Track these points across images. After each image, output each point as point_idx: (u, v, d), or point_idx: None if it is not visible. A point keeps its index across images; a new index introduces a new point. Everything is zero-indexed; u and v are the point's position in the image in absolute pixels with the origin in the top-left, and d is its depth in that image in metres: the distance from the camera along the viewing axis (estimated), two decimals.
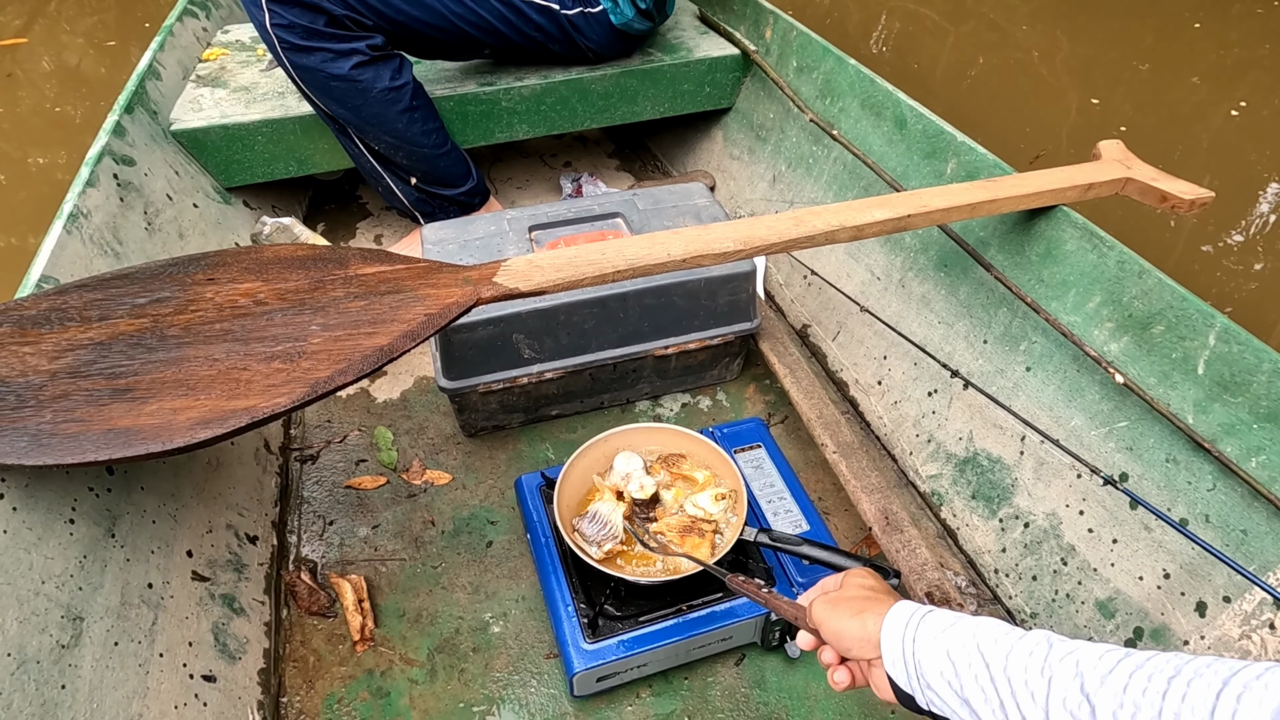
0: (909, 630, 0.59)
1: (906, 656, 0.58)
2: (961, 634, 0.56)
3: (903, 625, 0.60)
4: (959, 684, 0.55)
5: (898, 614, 0.61)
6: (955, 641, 0.56)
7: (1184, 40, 3.03)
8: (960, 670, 0.55)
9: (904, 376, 1.36)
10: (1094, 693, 0.47)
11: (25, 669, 0.72)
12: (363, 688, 1.04)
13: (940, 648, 0.56)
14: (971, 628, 0.56)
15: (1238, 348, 0.93)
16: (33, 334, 0.86)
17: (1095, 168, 1.20)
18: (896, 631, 0.60)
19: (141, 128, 1.43)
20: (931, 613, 0.60)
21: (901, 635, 0.59)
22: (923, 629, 0.58)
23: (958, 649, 0.55)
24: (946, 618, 0.59)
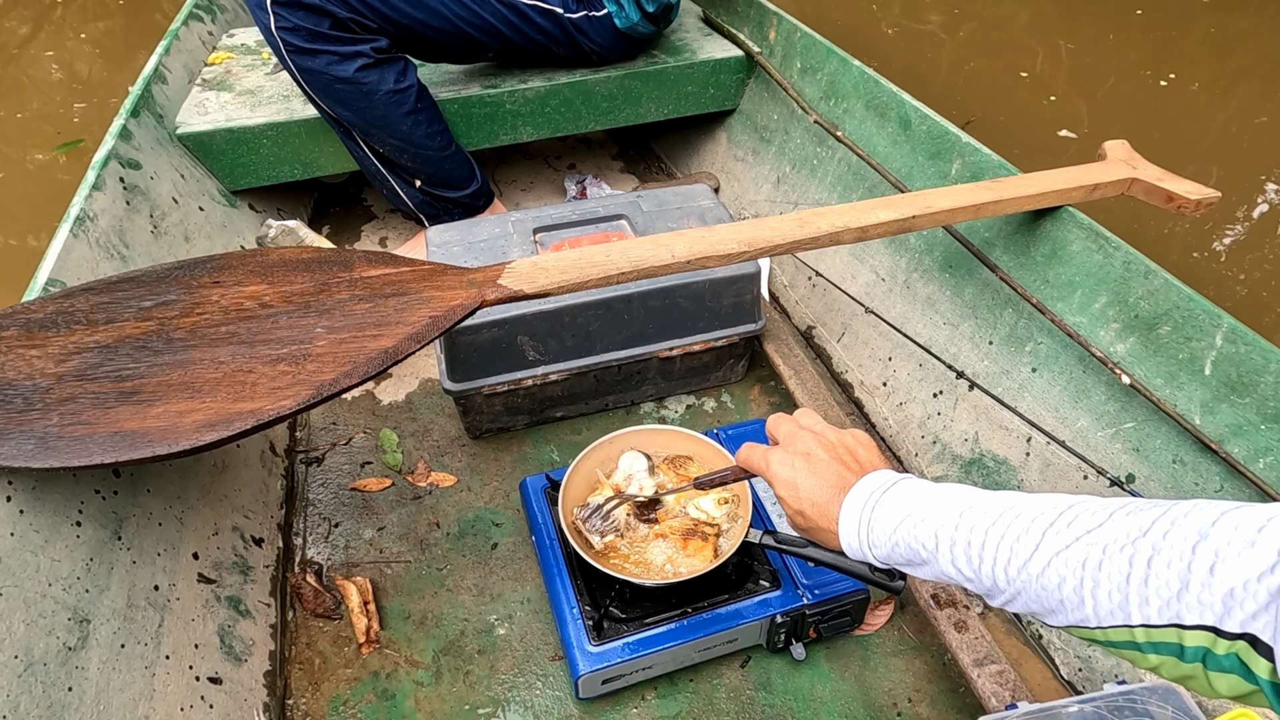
0: (868, 506, 0.60)
1: (861, 535, 0.60)
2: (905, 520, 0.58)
3: (860, 505, 0.61)
4: (907, 557, 0.57)
5: (857, 493, 0.62)
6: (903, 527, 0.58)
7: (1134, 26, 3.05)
8: (904, 548, 0.57)
9: (909, 378, 1.36)
10: (1023, 568, 0.49)
11: (32, 671, 0.72)
12: (368, 690, 1.04)
13: (892, 522, 0.58)
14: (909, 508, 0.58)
15: (1245, 348, 0.92)
16: (39, 337, 0.87)
17: (1101, 168, 1.20)
18: (854, 510, 0.61)
19: (147, 131, 1.44)
20: (888, 492, 0.60)
21: (859, 514, 0.61)
22: (880, 509, 0.60)
23: (904, 531, 0.57)
24: (902, 499, 0.59)
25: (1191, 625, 0.41)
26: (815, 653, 1.08)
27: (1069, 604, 0.47)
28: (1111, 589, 0.44)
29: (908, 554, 0.57)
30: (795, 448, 0.68)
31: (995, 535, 0.52)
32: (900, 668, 1.07)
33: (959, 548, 0.54)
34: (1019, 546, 0.50)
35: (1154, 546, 0.43)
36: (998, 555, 0.51)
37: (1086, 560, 0.46)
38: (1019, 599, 0.51)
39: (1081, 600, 0.46)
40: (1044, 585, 0.48)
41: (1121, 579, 0.44)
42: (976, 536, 0.53)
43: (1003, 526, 0.52)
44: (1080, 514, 0.48)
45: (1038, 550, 0.49)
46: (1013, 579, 0.50)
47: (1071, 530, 0.48)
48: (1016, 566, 0.50)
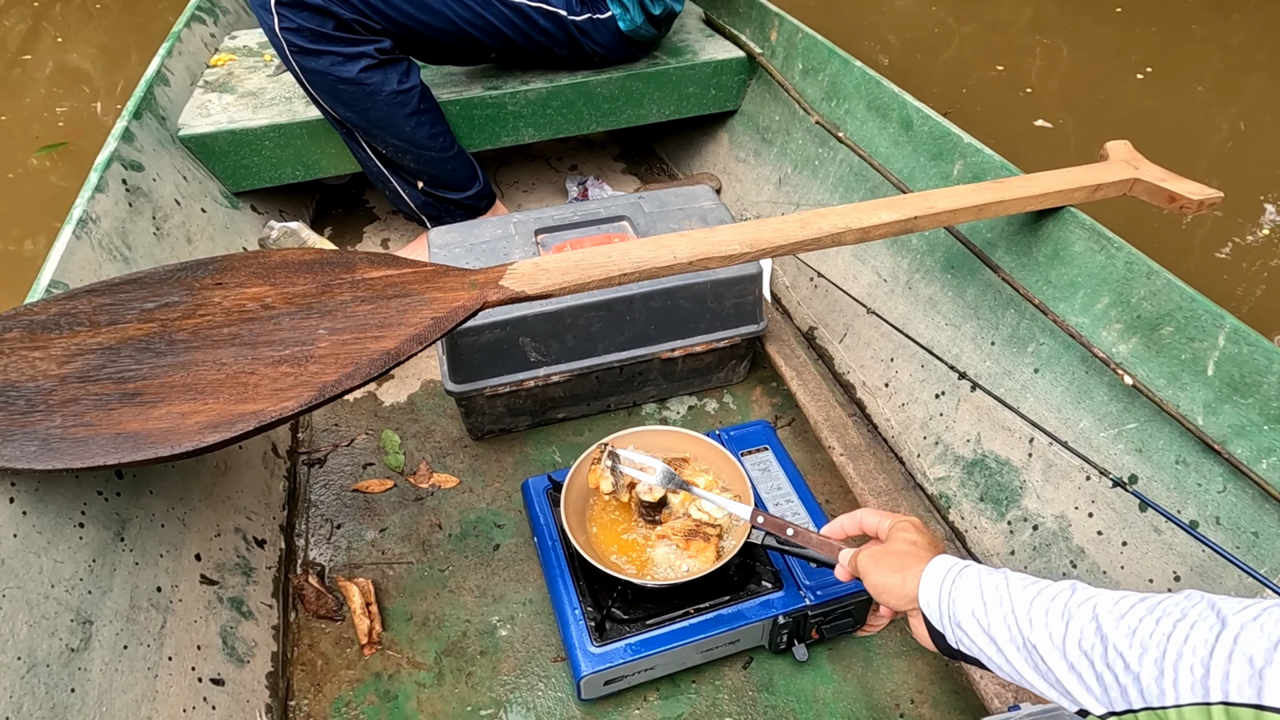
0: (947, 579, 0.64)
1: (942, 601, 0.63)
2: (995, 579, 0.61)
3: (941, 575, 0.64)
4: (987, 622, 0.59)
5: (937, 566, 0.65)
6: (989, 584, 0.61)
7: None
8: (990, 609, 0.59)
9: (911, 379, 1.36)
10: (1109, 633, 0.50)
11: (35, 672, 0.72)
12: (370, 691, 1.04)
13: (974, 590, 0.61)
14: (1005, 574, 0.61)
15: (1248, 349, 0.92)
16: (42, 339, 0.87)
17: (1103, 168, 1.20)
18: (935, 581, 0.64)
19: (150, 133, 1.44)
20: (969, 566, 0.64)
21: (939, 584, 0.64)
22: (960, 578, 0.63)
23: (990, 591, 0.60)
24: (982, 570, 0.63)
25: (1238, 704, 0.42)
26: (818, 654, 1.07)
27: (1146, 677, 0.47)
28: (1193, 663, 0.45)
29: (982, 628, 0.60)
30: (883, 538, 0.74)
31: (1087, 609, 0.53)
32: (903, 669, 1.06)
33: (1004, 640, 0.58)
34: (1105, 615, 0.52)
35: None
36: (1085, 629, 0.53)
37: (1172, 635, 0.47)
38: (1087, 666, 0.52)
39: (1161, 673, 0.46)
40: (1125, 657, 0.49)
41: (1206, 653, 0.44)
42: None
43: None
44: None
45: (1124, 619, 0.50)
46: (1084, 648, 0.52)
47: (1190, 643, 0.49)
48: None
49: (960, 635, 0.61)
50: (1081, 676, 0.51)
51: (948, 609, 0.62)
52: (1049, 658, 0.53)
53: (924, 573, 0.65)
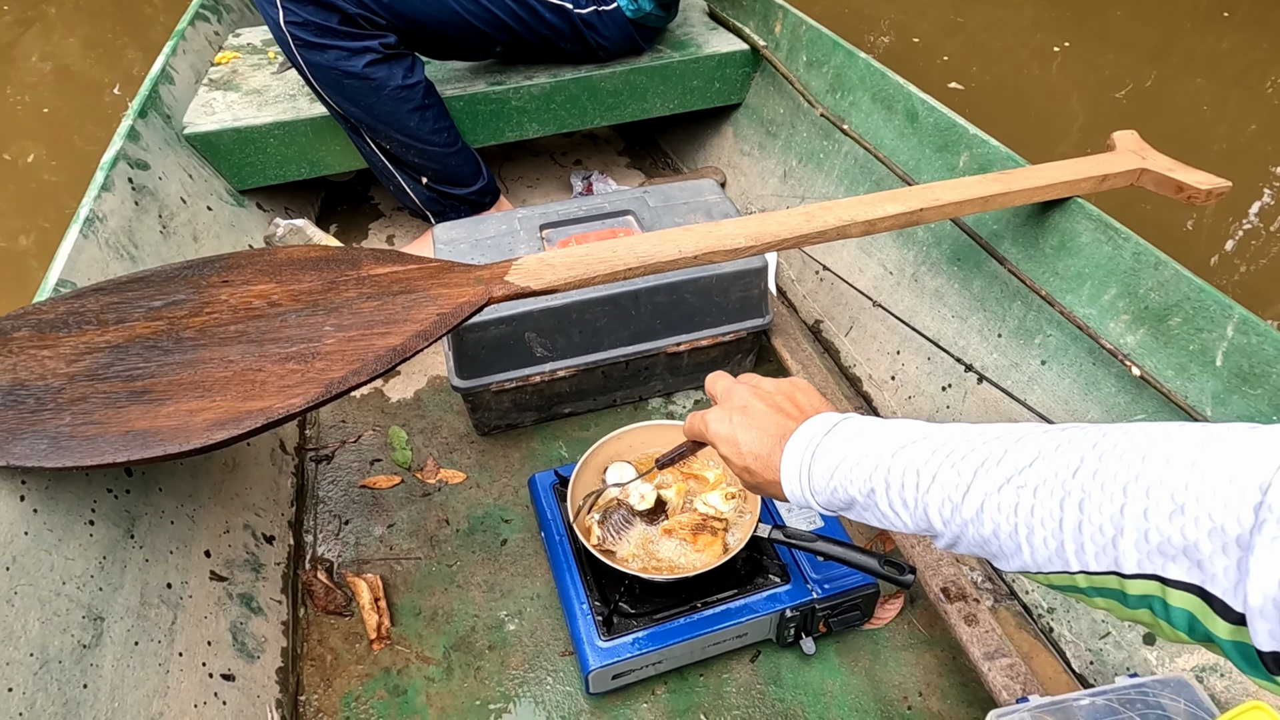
0: (806, 454, 0.57)
1: (802, 482, 0.57)
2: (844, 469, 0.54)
3: (800, 451, 0.58)
4: (844, 507, 0.55)
5: (797, 440, 0.58)
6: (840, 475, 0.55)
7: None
8: (843, 496, 0.54)
9: (918, 371, 1.35)
10: (961, 517, 0.47)
11: (48, 669, 0.73)
12: (380, 686, 1.05)
13: (830, 466, 0.55)
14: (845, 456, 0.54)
15: (1256, 339, 0.92)
16: (51, 337, 0.87)
17: (1110, 159, 1.19)
18: (795, 459, 0.58)
19: (155, 132, 1.45)
20: (830, 434, 0.57)
21: (798, 464, 0.57)
22: (820, 453, 0.56)
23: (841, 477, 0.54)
24: (841, 441, 0.56)
25: (1131, 574, 0.38)
26: (825, 647, 1.08)
27: (1007, 550, 0.44)
28: (1046, 535, 0.41)
29: (845, 499, 0.54)
30: (732, 403, 0.65)
31: (928, 476, 0.48)
32: (910, 662, 1.07)
33: (894, 490, 0.51)
34: (951, 489, 0.47)
35: (1084, 488, 0.40)
36: (929, 499, 0.48)
37: (1018, 505, 0.43)
38: (960, 543, 0.48)
39: (1019, 547, 0.43)
40: (980, 531, 0.46)
41: (1055, 524, 0.41)
42: (910, 478, 0.50)
43: (934, 466, 0.48)
44: (1010, 449, 0.45)
45: (969, 494, 0.46)
46: (948, 522, 0.47)
47: (1002, 469, 0.45)
48: (949, 510, 0.47)
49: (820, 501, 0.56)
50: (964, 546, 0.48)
51: (806, 485, 0.57)
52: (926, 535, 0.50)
53: (785, 449, 0.58)
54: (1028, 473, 0.43)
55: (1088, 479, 0.40)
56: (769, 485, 0.61)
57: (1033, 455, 0.44)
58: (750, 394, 0.65)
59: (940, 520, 0.48)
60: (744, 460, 0.62)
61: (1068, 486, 0.41)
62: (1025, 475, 0.43)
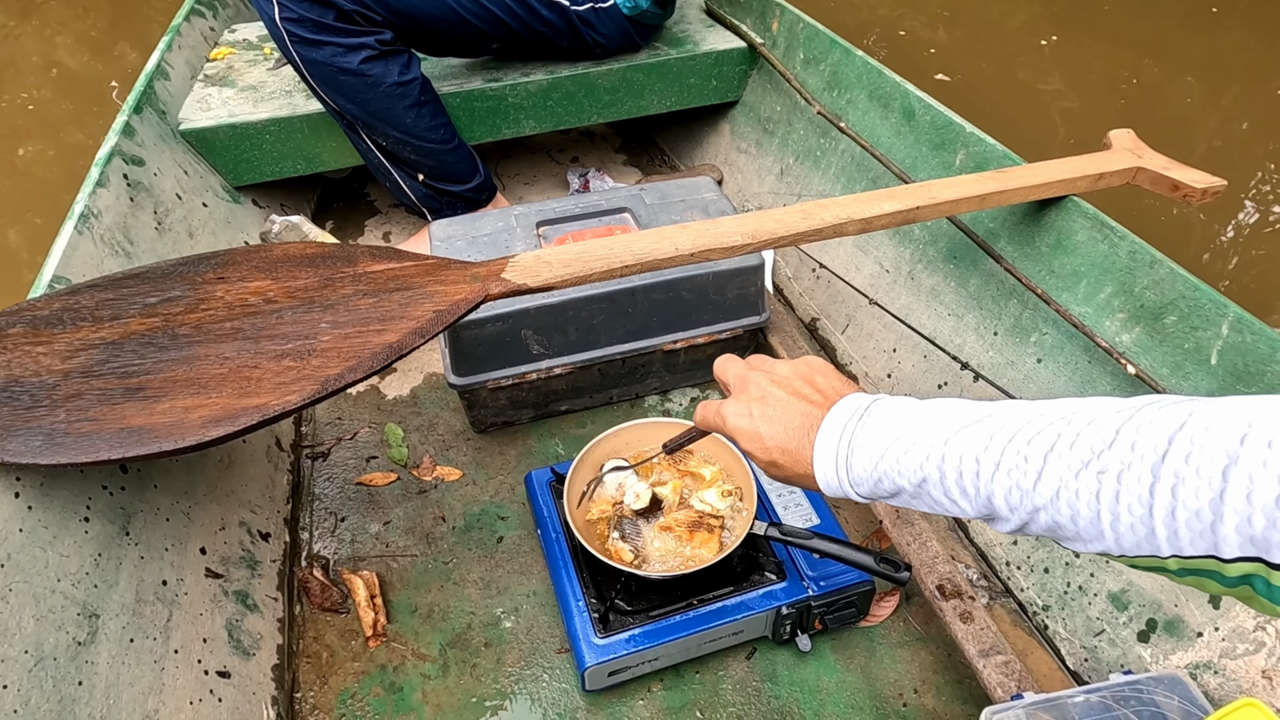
0: (842, 444, 0.55)
1: (841, 475, 0.55)
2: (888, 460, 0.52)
3: (835, 441, 0.55)
4: (898, 497, 0.53)
5: (829, 428, 0.56)
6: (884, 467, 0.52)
7: None
8: (895, 486, 0.52)
9: (914, 369, 1.35)
10: (1034, 503, 0.45)
11: (43, 666, 0.73)
12: (376, 683, 1.05)
13: (873, 455, 0.53)
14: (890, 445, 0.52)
15: (1251, 337, 0.92)
16: (46, 334, 0.87)
17: (1106, 157, 1.20)
18: (829, 451, 0.55)
19: (150, 128, 1.44)
20: (864, 420, 0.54)
21: (834, 456, 0.55)
22: (858, 442, 0.54)
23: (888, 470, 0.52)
24: (882, 427, 0.53)
25: (1232, 558, 0.37)
26: (821, 644, 1.08)
27: (1087, 535, 0.43)
28: (1134, 521, 0.40)
29: (891, 488, 0.52)
30: (749, 393, 0.61)
31: (989, 463, 0.46)
32: (906, 659, 1.07)
33: (950, 478, 0.48)
34: (1020, 476, 0.45)
35: (1177, 473, 0.38)
36: (994, 487, 0.46)
37: (1100, 491, 0.41)
38: (1030, 527, 0.46)
39: (1100, 533, 0.42)
40: (1054, 517, 0.44)
41: (1144, 510, 0.39)
42: (969, 465, 0.47)
43: (997, 451, 0.46)
44: (1082, 431, 0.43)
45: (1041, 480, 0.44)
46: (1016, 508, 0.45)
47: (1076, 454, 0.43)
48: (1019, 497, 0.45)
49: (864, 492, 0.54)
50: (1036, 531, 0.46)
51: (848, 480, 0.54)
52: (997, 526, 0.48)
53: (817, 440, 0.55)
54: (1107, 456, 0.41)
55: (1180, 463, 0.38)
56: (800, 479, 0.58)
57: (1110, 436, 0.42)
58: (767, 381, 0.61)
59: (1007, 507, 0.46)
60: (770, 455, 0.59)
61: (1157, 471, 0.39)
62: (1105, 459, 0.41)
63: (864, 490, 0.54)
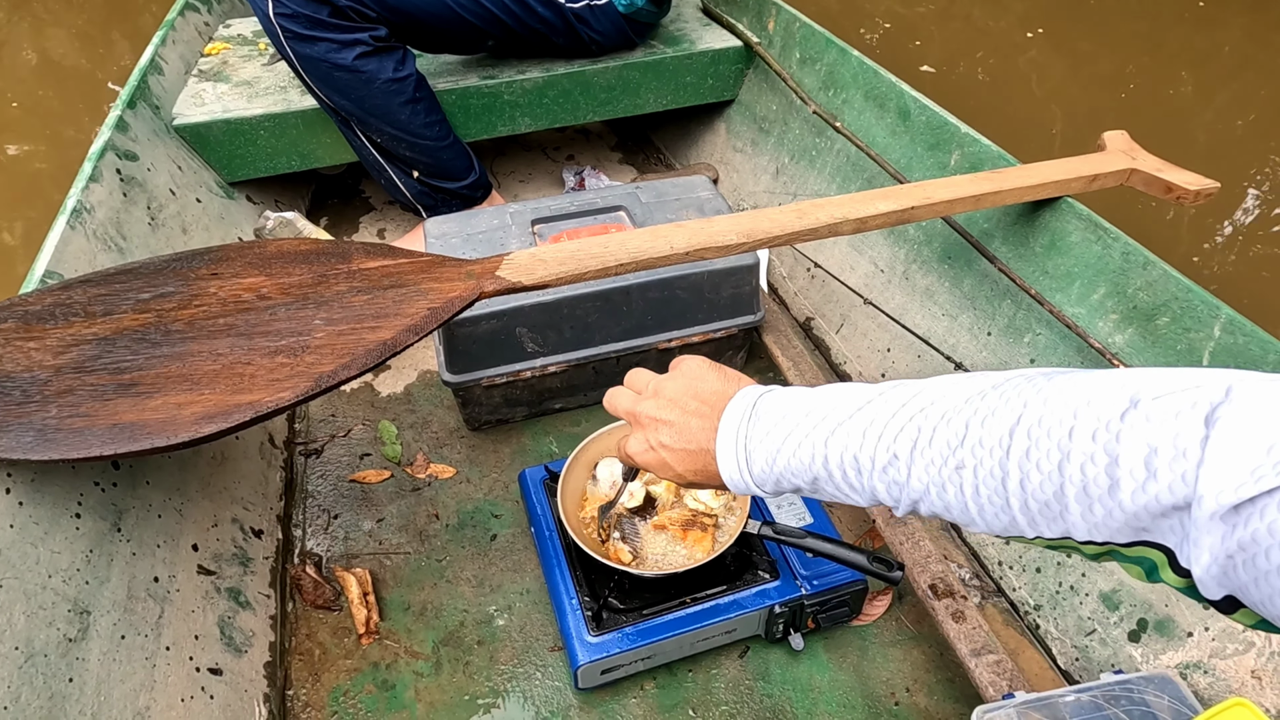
0: (739, 450, 0.57)
1: (745, 479, 0.57)
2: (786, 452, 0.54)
3: (731, 449, 0.57)
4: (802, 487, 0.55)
5: (724, 440, 0.57)
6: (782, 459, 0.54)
7: None
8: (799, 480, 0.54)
9: (908, 369, 1.36)
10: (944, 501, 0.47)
11: (33, 662, 0.72)
12: (368, 680, 1.05)
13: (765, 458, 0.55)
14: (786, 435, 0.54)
15: (1243, 339, 0.92)
16: (38, 329, 0.86)
17: (1100, 158, 1.20)
18: (730, 460, 0.57)
19: (144, 122, 1.43)
20: (751, 423, 0.56)
21: (735, 463, 0.57)
22: (751, 448, 0.56)
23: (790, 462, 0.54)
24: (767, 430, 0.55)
25: (1084, 541, 0.40)
26: (814, 643, 1.08)
27: (963, 520, 0.46)
28: (996, 510, 0.43)
29: (792, 485, 0.55)
30: (644, 426, 0.63)
31: (866, 460, 0.49)
32: (898, 658, 1.07)
33: (837, 478, 0.51)
34: (894, 473, 0.47)
35: (1020, 467, 0.41)
36: (875, 483, 0.49)
37: (962, 485, 0.44)
38: (919, 511, 0.49)
39: (972, 520, 0.45)
40: (933, 507, 0.47)
41: (1002, 502, 0.42)
42: (849, 465, 0.50)
43: (870, 450, 0.49)
44: (938, 426, 0.45)
45: (911, 477, 0.47)
46: (899, 500, 0.48)
47: (935, 449, 0.45)
48: (898, 491, 0.48)
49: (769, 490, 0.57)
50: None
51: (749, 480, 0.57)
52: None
53: (718, 453, 0.57)
54: (961, 452, 0.44)
55: (1022, 457, 0.41)
56: (717, 488, 0.61)
57: (961, 431, 0.44)
58: (655, 407, 0.62)
59: (891, 499, 0.49)
60: (684, 479, 0.62)
61: (1005, 466, 0.42)
62: (960, 455, 0.44)
63: (768, 488, 0.57)
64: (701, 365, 0.64)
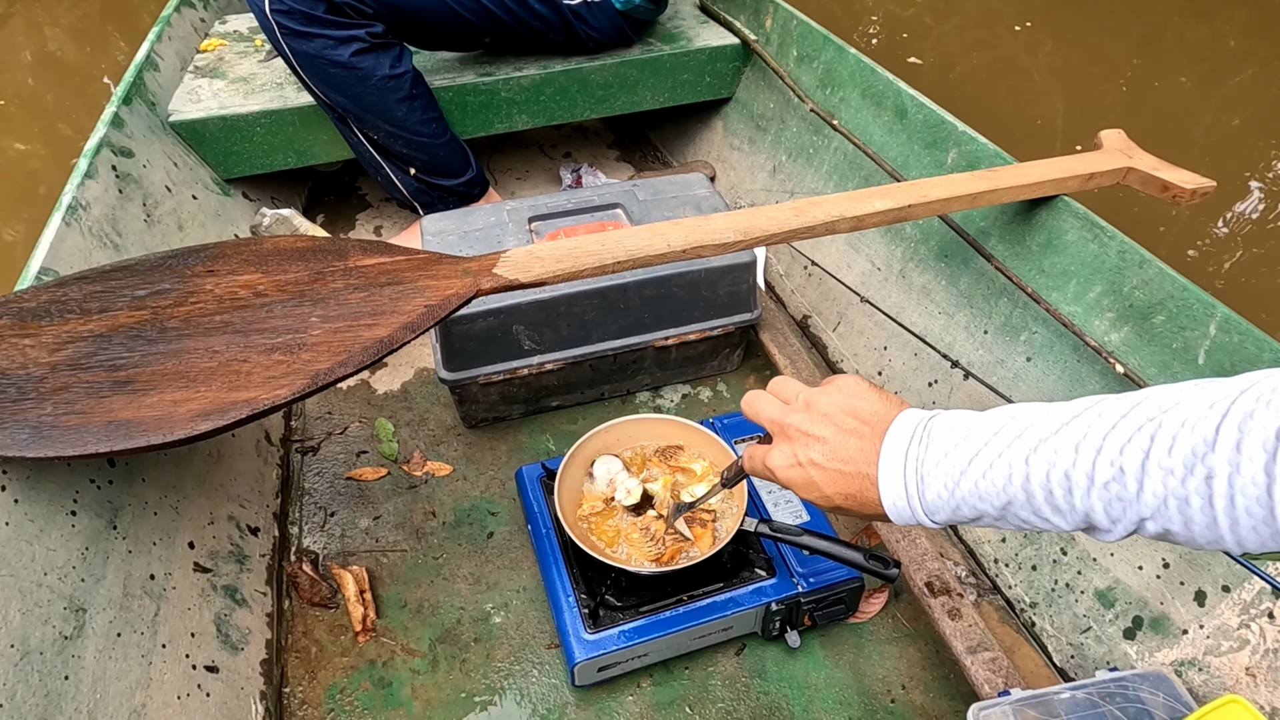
0: (911, 475, 0.53)
1: (915, 508, 0.53)
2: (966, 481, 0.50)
3: (900, 473, 0.53)
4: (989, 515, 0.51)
5: (889, 463, 0.53)
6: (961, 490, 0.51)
7: None
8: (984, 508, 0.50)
9: (904, 367, 1.36)
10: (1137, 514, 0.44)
11: (29, 660, 0.72)
12: (365, 678, 1.05)
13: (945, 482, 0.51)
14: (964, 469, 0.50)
15: (1238, 337, 0.93)
16: (33, 326, 0.86)
17: (1097, 157, 1.20)
18: (897, 486, 0.53)
19: (140, 119, 1.43)
20: (927, 444, 0.52)
21: (904, 491, 0.53)
22: (927, 470, 0.52)
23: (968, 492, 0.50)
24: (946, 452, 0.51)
25: None
26: (810, 640, 1.08)
27: (1204, 539, 0.42)
28: (1255, 523, 0.39)
29: (974, 513, 0.51)
30: (792, 440, 0.59)
31: (1082, 476, 0.45)
32: (894, 655, 1.07)
33: (1040, 498, 0.47)
34: (1118, 488, 0.44)
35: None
36: (1092, 502, 0.45)
37: (1213, 497, 0.40)
38: (1140, 533, 0.45)
39: (1220, 536, 0.41)
40: (1166, 525, 0.43)
41: (1265, 512, 0.39)
42: (1059, 483, 0.46)
43: (1088, 464, 0.45)
44: (1179, 434, 0.42)
45: (1144, 490, 0.43)
46: (1120, 519, 0.44)
47: (1176, 458, 0.42)
48: (1120, 509, 0.44)
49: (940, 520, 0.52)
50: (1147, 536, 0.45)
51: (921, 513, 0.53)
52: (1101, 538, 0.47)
53: (880, 478, 0.53)
54: (1212, 459, 0.40)
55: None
56: (868, 517, 0.57)
57: (1210, 436, 0.41)
58: (807, 421, 0.58)
59: (1108, 519, 0.45)
60: (833, 503, 0.57)
61: (1271, 472, 0.38)
62: (1211, 462, 0.40)
63: (941, 518, 0.53)
64: (860, 384, 0.59)
